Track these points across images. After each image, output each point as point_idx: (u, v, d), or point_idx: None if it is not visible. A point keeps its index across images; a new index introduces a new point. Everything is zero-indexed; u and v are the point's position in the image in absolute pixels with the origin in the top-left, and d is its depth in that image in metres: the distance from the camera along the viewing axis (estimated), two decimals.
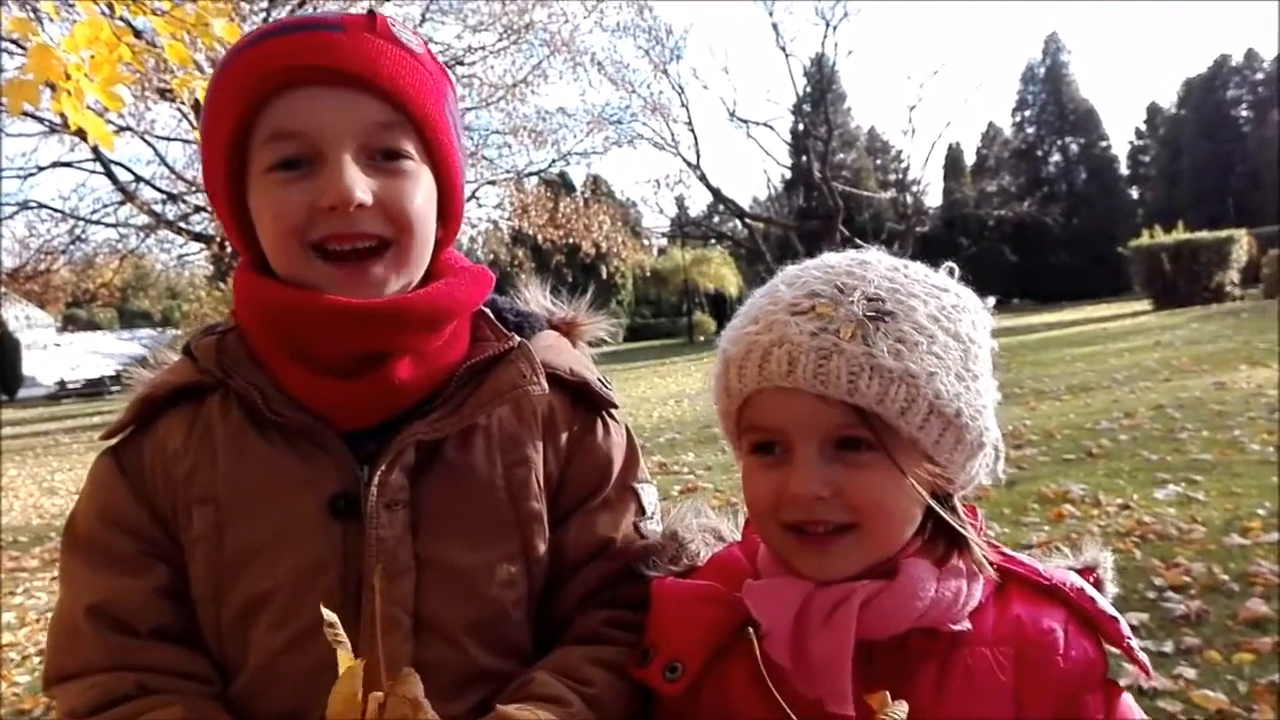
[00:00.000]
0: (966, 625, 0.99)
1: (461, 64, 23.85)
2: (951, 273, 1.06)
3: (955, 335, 0.98)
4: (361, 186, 1.00)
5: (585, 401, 1.18)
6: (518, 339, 1.13)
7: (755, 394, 1.00)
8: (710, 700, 1.03)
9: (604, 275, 28.48)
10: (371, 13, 1.06)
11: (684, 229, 45.91)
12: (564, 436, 1.15)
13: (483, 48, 24.12)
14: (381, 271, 1.04)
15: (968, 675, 0.97)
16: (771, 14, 36.54)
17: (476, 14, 24.06)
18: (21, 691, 4.43)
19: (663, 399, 15.16)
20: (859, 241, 35.38)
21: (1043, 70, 64.05)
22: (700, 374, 19.25)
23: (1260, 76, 61.09)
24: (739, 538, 1.21)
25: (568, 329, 1.27)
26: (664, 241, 48.06)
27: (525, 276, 1.35)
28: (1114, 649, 1.03)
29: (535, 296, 1.29)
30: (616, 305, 49.92)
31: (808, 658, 0.97)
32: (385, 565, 1.03)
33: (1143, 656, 1.02)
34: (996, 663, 0.98)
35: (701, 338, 40.84)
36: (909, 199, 41.96)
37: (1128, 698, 1.03)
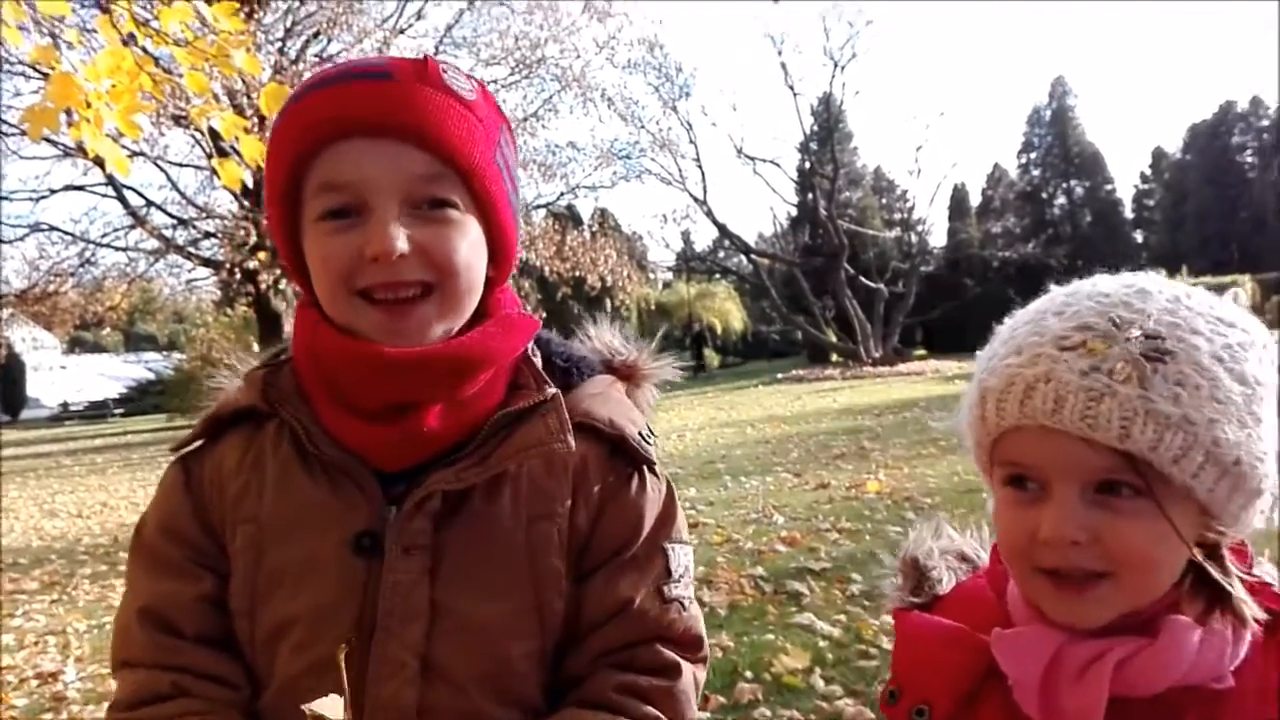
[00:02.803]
0: (1230, 682, 0.92)
1: None
2: (1236, 299, 0.98)
3: (1240, 378, 0.89)
4: (402, 238, 1.02)
5: (622, 455, 1.16)
6: (552, 391, 1.13)
7: (1014, 430, 0.93)
8: None
9: (609, 308, 28.55)
10: (425, 59, 1.07)
11: (689, 263, 46.02)
12: (596, 490, 1.14)
13: (495, 81, 24.30)
14: (425, 315, 1.06)
15: None
16: (780, 54, 36.93)
17: (489, 48, 24.34)
18: (19, 715, 4.41)
19: (665, 433, 15.13)
20: (865, 279, 35.80)
21: (1048, 113, 64.38)
22: (704, 408, 19.23)
23: (1265, 123, 61.35)
24: (984, 557, 1.15)
25: (628, 373, 1.27)
26: (669, 275, 48.18)
27: (597, 316, 1.33)
28: None
29: (601, 336, 1.29)
30: None
31: (1059, 712, 0.92)
32: (394, 611, 1.06)
33: None
34: (1262, 718, 0.91)
35: (706, 372, 40.80)
36: (914, 238, 42.03)
37: None
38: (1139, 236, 64.24)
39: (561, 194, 28.40)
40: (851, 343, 32.58)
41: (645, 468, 1.17)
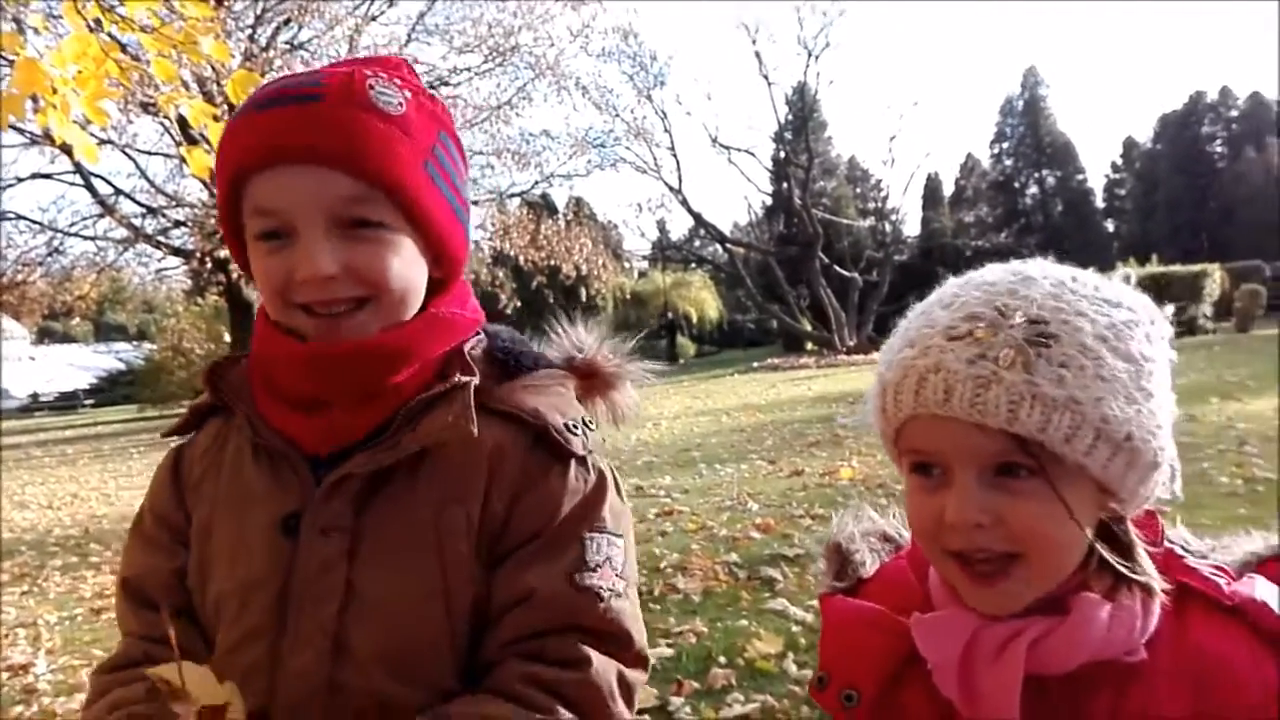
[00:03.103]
0: (1142, 655, 0.94)
1: (447, 84, 23.92)
2: (1127, 279, 1.01)
3: (1126, 355, 0.92)
4: (328, 261, 1.07)
5: (545, 445, 1.16)
6: (463, 380, 1.15)
7: (911, 419, 0.96)
8: None
9: (584, 297, 28.53)
10: (352, 74, 1.11)
11: (665, 252, 46.03)
12: (513, 478, 1.14)
13: (468, 69, 24.24)
14: (360, 323, 1.11)
15: (1143, 708, 0.93)
16: (755, 43, 36.77)
17: (463, 35, 24.19)
18: None
19: (640, 421, 15.11)
20: (839, 268, 35.88)
21: (1021, 103, 64.94)
22: (679, 397, 19.26)
23: (1234, 113, 62.17)
24: (905, 536, 1.18)
25: (587, 371, 1.29)
26: (645, 264, 48.19)
27: (575, 309, 1.36)
28: None
29: (574, 333, 1.32)
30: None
31: (976, 693, 0.95)
32: (308, 590, 1.11)
33: None
34: (1173, 694, 0.93)
35: (681, 361, 40.83)
36: (888, 227, 42.11)
37: None
38: (1110, 225, 65.01)
39: (536, 183, 28.32)
40: (826, 331, 32.68)
41: (572, 459, 1.16)
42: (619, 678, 1.11)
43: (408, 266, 1.13)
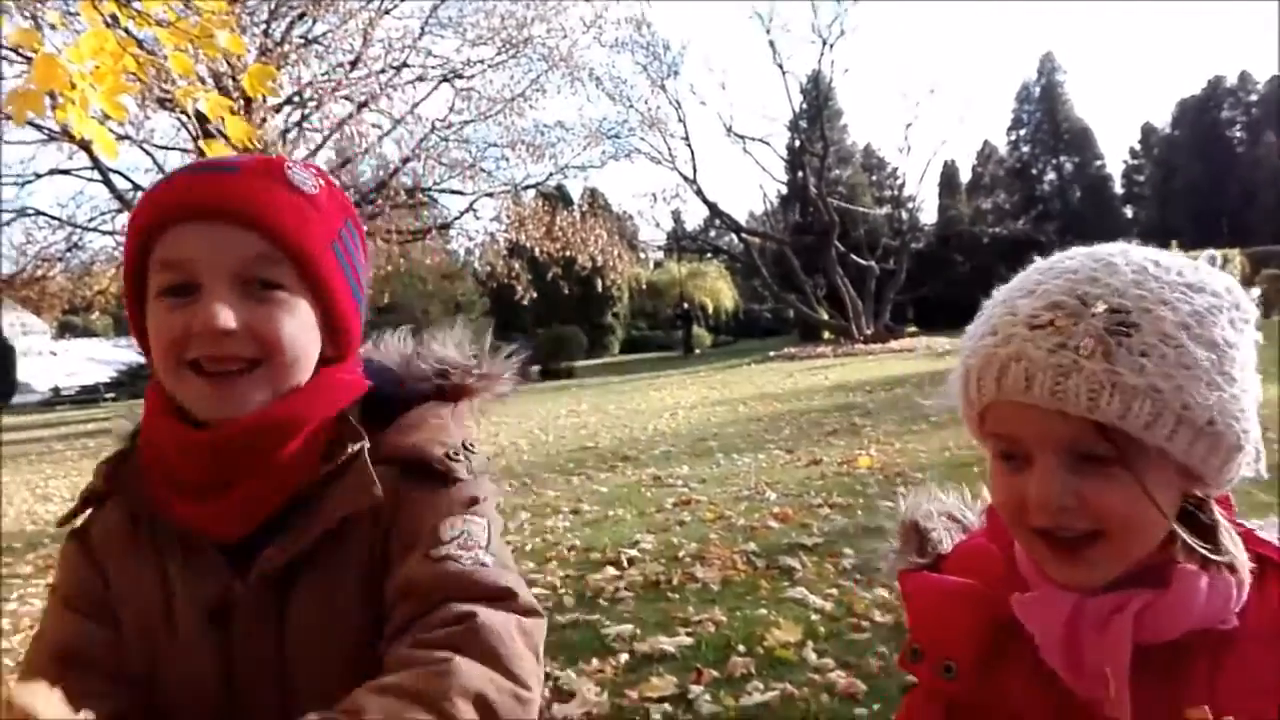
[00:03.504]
0: (1234, 623, 0.98)
1: (460, 77, 23.92)
2: (1213, 261, 1.02)
3: (1208, 342, 0.93)
4: (227, 314, 1.09)
5: (424, 474, 1.18)
6: (356, 446, 1.17)
7: (994, 404, 0.99)
8: (989, 701, 1.05)
9: (600, 288, 28.54)
10: (269, 158, 1.17)
11: (680, 242, 45.91)
12: (395, 507, 1.16)
13: (481, 61, 24.17)
14: (248, 388, 1.12)
15: (1237, 671, 0.96)
16: (768, 31, 36.73)
17: (475, 28, 24.14)
18: None
19: (657, 412, 15.14)
20: (855, 257, 35.77)
21: (1038, 89, 64.52)
22: (696, 387, 19.25)
23: (1254, 98, 61.62)
24: (969, 516, 1.22)
25: (456, 394, 1.29)
26: (660, 255, 48.15)
27: (466, 320, 1.35)
28: None
29: (440, 352, 1.31)
30: (613, 318, 49.96)
31: (1082, 665, 0.98)
32: (248, 675, 1.14)
33: None
34: (1262, 658, 0.96)
35: (697, 351, 40.82)
36: (904, 215, 41.95)
37: None
38: (1129, 212, 64.60)
39: (551, 174, 28.16)
40: (843, 320, 32.61)
41: (454, 484, 1.18)
42: (516, 623, 1.08)
43: (303, 332, 1.15)
